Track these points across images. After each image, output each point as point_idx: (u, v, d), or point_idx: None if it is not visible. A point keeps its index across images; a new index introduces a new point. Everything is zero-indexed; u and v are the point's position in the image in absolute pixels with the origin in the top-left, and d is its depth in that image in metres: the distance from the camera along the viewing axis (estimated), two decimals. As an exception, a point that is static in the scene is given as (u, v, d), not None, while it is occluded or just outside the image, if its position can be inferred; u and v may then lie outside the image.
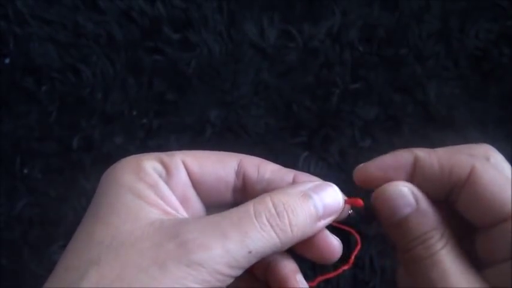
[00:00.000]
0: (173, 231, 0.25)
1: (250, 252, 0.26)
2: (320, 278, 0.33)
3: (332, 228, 0.31)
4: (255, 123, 0.61)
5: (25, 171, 0.60)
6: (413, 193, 0.29)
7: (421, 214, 0.29)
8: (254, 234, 0.26)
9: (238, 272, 0.26)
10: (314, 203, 0.28)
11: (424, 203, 0.29)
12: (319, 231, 0.30)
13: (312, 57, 0.63)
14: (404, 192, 0.29)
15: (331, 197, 0.29)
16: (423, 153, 0.30)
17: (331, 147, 0.60)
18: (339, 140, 0.60)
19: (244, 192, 0.31)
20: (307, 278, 0.33)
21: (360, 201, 0.31)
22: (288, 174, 0.30)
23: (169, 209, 0.27)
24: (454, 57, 0.63)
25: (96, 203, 0.28)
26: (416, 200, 0.29)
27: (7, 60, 0.64)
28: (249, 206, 0.27)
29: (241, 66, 0.63)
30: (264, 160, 0.31)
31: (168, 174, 0.29)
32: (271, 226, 0.26)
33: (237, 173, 0.30)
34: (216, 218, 0.27)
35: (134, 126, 0.61)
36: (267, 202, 0.27)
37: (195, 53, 0.63)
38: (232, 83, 0.62)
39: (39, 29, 0.64)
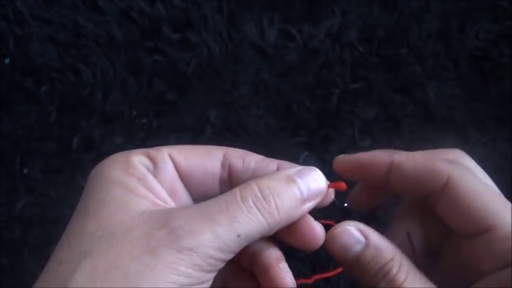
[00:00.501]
0: (163, 220, 0.26)
1: (239, 236, 0.27)
2: (317, 277, 0.33)
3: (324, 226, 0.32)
4: (255, 123, 0.61)
5: (25, 171, 0.60)
6: (360, 230, 0.30)
7: (373, 249, 0.29)
8: (242, 218, 0.27)
9: (229, 256, 0.27)
10: (298, 186, 0.29)
11: (374, 237, 0.29)
12: (303, 217, 0.30)
13: (312, 57, 0.63)
14: (351, 231, 0.30)
15: (314, 181, 0.30)
16: (401, 158, 0.31)
17: (331, 147, 0.60)
18: (338, 140, 0.60)
19: (230, 183, 0.31)
20: (306, 278, 0.33)
21: (342, 185, 0.32)
22: (272, 163, 0.31)
23: (158, 201, 0.28)
24: (454, 57, 0.63)
25: (86, 198, 0.28)
26: (365, 236, 0.29)
27: (7, 60, 0.64)
28: (236, 192, 0.28)
29: (241, 66, 0.63)
30: (248, 151, 0.32)
31: (155, 168, 0.29)
32: (258, 209, 0.27)
33: (223, 165, 0.31)
34: (204, 205, 0.27)
35: (134, 126, 0.61)
36: (253, 187, 0.28)
37: (195, 53, 0.63)
38: (232, 83, 0.62)
39: (39, 29, 0.64)
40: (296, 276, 0.33)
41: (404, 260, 0.29)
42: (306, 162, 0.59)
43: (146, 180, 0.28)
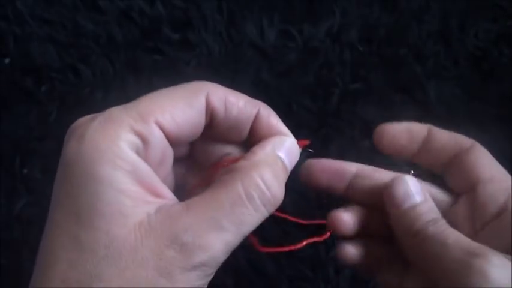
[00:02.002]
0: (169, 233, 0.25)
1: (244, 235, 0.27)
2: (307, 241, 0.34)
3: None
4: (255, 123, 0.61)
5: (25, 171, 0.60)
6: (423, 189, 0.34)
7: (430, 203, 0.33)
8: (248, 219, 0.27)
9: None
10: (283, 162, 0.30)
11: (430, 197, 0.33)
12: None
13: (312, 57, 0.63)
14: (416, 182, 0.33)
15: (291, 150, 0.31)
16: (434, 129, 0.37)
17: (331, 147, 0.60)
18: (338, 140, 0.60)
19: (210, 127, 0.30)
20: (306, 279, 0.33)
21: (306, 142, 0.34)
22: (252, 110, 0.31)
23: (152, 198, 0.26)
24: (454, 57, 0.63)
25: (73, 198, 0.25)
26: (423, 193, 0.33)
27: (7, 60, 0.64)
28: (239, 188, 0.27)
29: (241, 66, 0.63)
30: (229, 91, 0.31)
31: (145, 145, 0.27)
32: (264, 205, 0.27)
33: (206, 112, 0.29)
34: (207, 209, 0.26)
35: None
36: (256, 180, 0.27)
37: (195, 53, 0.63)
38: (232, 83, 0.62)
39: (39, 29, 0.64)
40: (297, 275, 0.33)
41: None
42: (306, 163, 0.59)
43: (137, 171, 0.26)
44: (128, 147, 0.26)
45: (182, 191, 0.32)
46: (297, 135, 0.63)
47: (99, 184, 0.25)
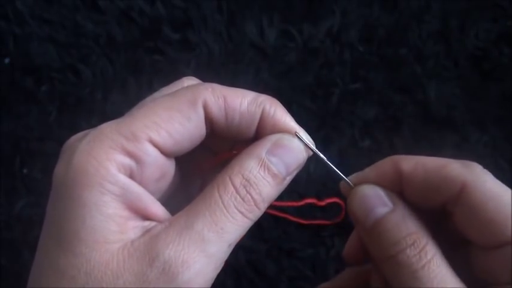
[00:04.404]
0: (151, 253, 0.24)
1: (230, 245, 0.25)
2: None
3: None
4: (255, 123, 0.61)
5: (25, 171, 0.60)
6: (388, 195, 0.28)
7: (399, 215, 0.27)
8: (229, 226, 0.25)
9: (221, 267, 0.26)
10: (275, 167, 0.27)
11: (402, 206, 0.27)
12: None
13: (312, 57, 0.63)
14: (379, 192, 0.28)
15: (291, 153, 0.28)
16: (409, 165, 0.28)
17: (331, 147, 0.60)
18: (339, 140, 0.60)
19: (212, 137, 0.29)
20: (306, 279, 0.33)
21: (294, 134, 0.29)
22: (256, 111, 0.28)
23: (139, 222, 0.25)
24: (454, 57, 0.63)
25: (56, 223, 0.25)
26: (393, 202, 0.28)
27: (7, 60, 0.64)
28: (215, 195, 0.25)
29: (241, 66, 0.63)
30: (230, 92, 0.28)
31: (139, 164, 0.26)
32: (242, 213, 0.25)
33: (205, 121, 0.27)
34: (187, 221, 0.25)
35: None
36: (229, 187, 0.26)
37: (195, 53, 0.63)
38: (232, 83, 0.62)
39: (39, 29, 0.64)
40: (297, 275, 0.33)
41: (431, 240, 0.26)
42: (306, 163, 0.59)
43: (126, 194, 0.25)
44: (117, 170, 0.25)
45: (192, 183, 0.31)
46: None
47: (84, 209, 0.24)
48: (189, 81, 0.31)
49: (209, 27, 0.64)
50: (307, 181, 0.58)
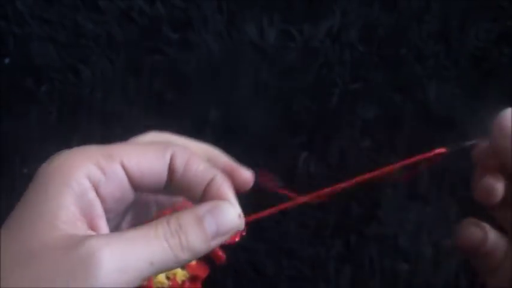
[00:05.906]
0: (78, 243, 0.26)
1: (151, 263, 0.27)
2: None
3: None
4: (255, 123, 0.61)
5: (25, 171, 0.60)
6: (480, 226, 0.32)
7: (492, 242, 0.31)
8: (155, 245, 0.27)
9: (135, 282, 0.27)
10: (207, 225, 0.30)
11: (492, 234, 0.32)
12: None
13: (312, 57, 0.63)
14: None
15: (226, 217, 0.31)
16: None
17: (331, 147, 0.60)
18: (339, 140, 0.60)
19: (170, 183, 0.32)
20: (306, 279, 0.33)
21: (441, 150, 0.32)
22: (208, 175, 0.32)
23: (83, 227, 0.28)
24: (454, 57, 0.63)
25: (20, 205, 0.30)
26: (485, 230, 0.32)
27: (7, 60, 0.64)
28: (150, 224, 0.28)
29: (241, 66, 0.63)
30: (194, 156, 0.32)
31: (106, 178, 0.29)
32: (167, 242, 0.28)
33: (168, 168, 0.31)
34: (121, 233, 0.28)
35: (134, 126, 0.61)
36: (164, 223, 0.29)
37: (195, 53, 0.63)
38: (232, 83, 0.62)
39: (39, 29, 0.64)
40: (297, 275, 0.33)
41: None
42: (306, 162, 0.59)
43: (83, 198, 0.28)
44: (85, 176, 0.29)
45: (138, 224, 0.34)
46: (297, 135, 0.63)
47: (45, 196, 0.28)
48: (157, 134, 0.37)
49: (209, 27, 0.64)
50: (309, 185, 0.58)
